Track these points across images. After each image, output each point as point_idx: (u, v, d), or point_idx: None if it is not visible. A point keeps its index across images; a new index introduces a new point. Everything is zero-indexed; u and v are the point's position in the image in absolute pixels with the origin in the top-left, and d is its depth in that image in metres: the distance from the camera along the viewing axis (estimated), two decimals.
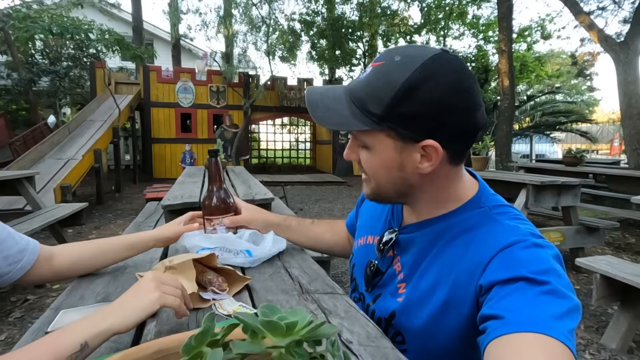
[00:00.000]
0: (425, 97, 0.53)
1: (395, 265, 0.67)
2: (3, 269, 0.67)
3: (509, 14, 6.82)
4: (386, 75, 0.55)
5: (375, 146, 0.59)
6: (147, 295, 0.55)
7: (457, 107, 0.54)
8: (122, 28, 11.36)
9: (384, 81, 0.55)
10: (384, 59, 0.57)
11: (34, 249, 0.72)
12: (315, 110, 0.59)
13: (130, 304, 0.53)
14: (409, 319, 0.61)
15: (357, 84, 0.59)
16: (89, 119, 7.80)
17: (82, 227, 4.49)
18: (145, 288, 0.56)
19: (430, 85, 0.53)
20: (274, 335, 0.24)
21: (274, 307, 0.27)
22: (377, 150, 0.59)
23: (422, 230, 0.64)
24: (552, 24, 12.84)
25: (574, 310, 0.45)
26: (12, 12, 8.24)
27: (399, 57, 0.55)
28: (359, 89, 0.58)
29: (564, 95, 16.30)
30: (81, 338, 0.46)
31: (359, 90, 0.58)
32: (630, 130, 5.71)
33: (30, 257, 0.70)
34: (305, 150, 14.18)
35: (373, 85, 0.56)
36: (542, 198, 3.01)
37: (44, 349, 0.44)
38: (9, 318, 2.32)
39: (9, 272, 0.68)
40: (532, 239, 0.53)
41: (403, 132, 0.56)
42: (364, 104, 0.57)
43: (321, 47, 10.40)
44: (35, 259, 0.72)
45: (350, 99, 0.58)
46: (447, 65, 0.54)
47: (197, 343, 0.25)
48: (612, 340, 2.03)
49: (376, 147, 0.59)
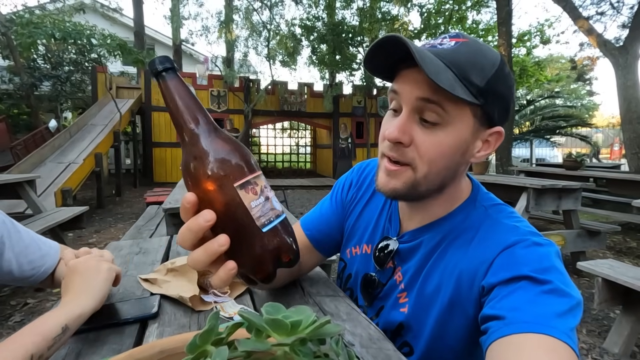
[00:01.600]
0: (510, 83, 0.54)
1: (396, 276, 0.65)
2: (27, 272, 0.70)
3: (508, 19, 6.86)
4: (481, 51, 0.53)
5: (455, 123, 0.52)
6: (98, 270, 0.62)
7: (514, 101, 0.57)
8: (124, 33, 11.44)
9: (481, 55, 0.52)
10: (467, 37, 0.54)
11: (55, 254, 0.75)
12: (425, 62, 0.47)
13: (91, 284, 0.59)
14: (417, 326, 0.60)
15: (446, 52, 0.51)
16: (90, 123, 7.83)
17: (83, 231, 4.49)
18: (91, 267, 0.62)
19: (510, 75, 0.55)
20: (278, 334, 0.24)
21: (278, 305, 0.27)
22: (455, 129, 0.52)
23: (427, 234, 0.62)
24: (551, 28, 12.93)
25: (575, 307, 0.45)
26: (15, 18, 8.30)
27: (481, 41, 0.55)
28: (455, 57, 0.51)
29: (564, 100, 16.34)
30: (62, 322, 0.51)
31: (456, 58, 0.51)
32: (630, 134, 5.72)
33: (51, 262, 0.74)
34: (306, 155, 14.20)
35: (472, 57, 0.51)
36: (543, 202, 3.01)
37: (31, 334, 0.48)
38: (8, 322, 2.31)
39: (32, 276, 0.71)
40: (532, 238, 0.53)
41: (490, 112, 0.53)
42: (465, 72, 0.50)
43: (321, 52, 10.44)
44: (56, 263, 0.75)
45: (445, 63, 0.50)
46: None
47: (202, 342, 0.25)
48: (615, 344, 2.02)
49: (455, 125, 0.52)
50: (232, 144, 0.38)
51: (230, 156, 0.36)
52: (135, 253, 1.02)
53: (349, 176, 0.81)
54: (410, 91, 0.53)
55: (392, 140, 0.54)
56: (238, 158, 0.37)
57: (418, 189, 0.56)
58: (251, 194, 0.36)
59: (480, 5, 10.86)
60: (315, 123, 11.59)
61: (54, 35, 7.78)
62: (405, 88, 0.53)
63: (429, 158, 0.53)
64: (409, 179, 0.55)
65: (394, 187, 0.56)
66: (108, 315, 0.63)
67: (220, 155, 0.36)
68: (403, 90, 0.54)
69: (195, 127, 0.38)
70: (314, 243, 0.78)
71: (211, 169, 0.35)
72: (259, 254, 0.36)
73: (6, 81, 9.43)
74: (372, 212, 0.73)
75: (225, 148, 0.37)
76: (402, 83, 0.54)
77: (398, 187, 0.56)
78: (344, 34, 9.89)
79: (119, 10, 12.56)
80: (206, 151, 0.36)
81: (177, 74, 0.39)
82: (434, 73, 0.47)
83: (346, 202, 0.78)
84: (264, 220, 0.36)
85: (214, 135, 0.38)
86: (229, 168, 0.36)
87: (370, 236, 0.72)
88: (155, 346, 0.31)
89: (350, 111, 11.36)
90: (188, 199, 0.35)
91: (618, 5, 7.74)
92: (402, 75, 0.54)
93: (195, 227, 0.34)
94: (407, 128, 0.53)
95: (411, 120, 0.53)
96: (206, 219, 0.34)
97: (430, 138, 0.53)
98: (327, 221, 0.78)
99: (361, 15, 10.11)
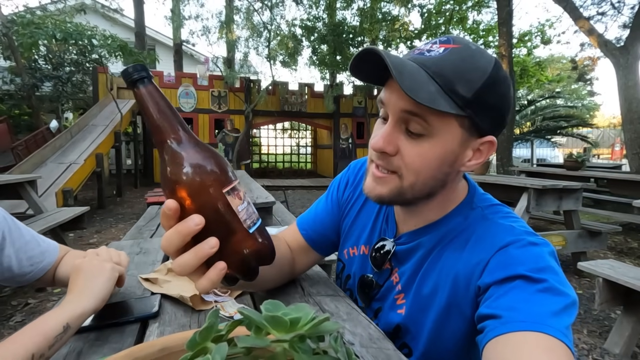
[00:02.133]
0: (503, 91, 0.53)
1: (393, 277, 0.66)
2: (26, 268, 0.71)
3: (508, 19, 6.86)
4: (472, 58, 0.51)
5: (440, 134, 0.51)
6: (102, 270, 0.62)
7: (511, 106, 0.56)
8: (125, 33, 11.47)
9: (471, 64, 0.50)
10: (458, 42, 0.52)
11: (54, 251, 0.76)
12: (402, 77, 0.47)
13: (94, 283, 0.60)
14: (415, 328, 0.60)
15: (432, 60, 0.50)
16: (91, 124, 7.84)
17: (83, 231, 4.49)
18: (95, 266, 0.63)
19: (505, 80, 0.53)
20: (277, 331, 0.25)
21: (278, 303, 0.27)
22: (440, 140, 0.52)
23: (424, 236, 0.62)
24: (552, 29, 12.92)
25: (570, 306, 0.45)
26: (16, 18, 8.32)
27: (474, 46, 0.53)
28: (441, 67, 0.50)
29: (565, 100, 16.32)
30: (63, 320, 0.51)
31: (442, 68, 0.50)
32: (631, 134, 5.71)
33: (50, 259, 0.75)
34: (307, 155, 14.20)
35: (460, 66, 0.50)
36: (544, 202, 3.01)
37: (32, 333, 0.48)
38: (9, 322, 2.32)
39: (30, 272, 0.72)
40: (527, 237, 0.53)
41: (479, 122, 0.52)
42: (450, 83, 0.49)
43: (322, 52, 10.45)
44: (54, 261, 0.76)
45: (429, 74, 0.50)
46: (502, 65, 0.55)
47: (202, 339, 0.25)
48: (616, 345, 2.02)
49: (441, 136, 0.52)
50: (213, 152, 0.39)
51: (216, 164, 0.37)
52: (136, 253, 1.02)
53: (344, 175, 0.80)
54: (395, 103, 0.52)
55: (377, 150, 0.54)
56: (222, 166, 0.38)
57: (404, 196, 0.56)
58: (237, 199, 0.37)
59: (480, 6, 10.87)
60: (315, 123, 11.59)
61: (55, 35, 7.80)
62: (391, 99, 0.53)
63: (414, 168, 0.53)
64: (395, 186, 0.55)
65: (380, 193, 0.57)
66: (109, 314, 0.63)
67: (208, 164, 0.37)
68: (389, 101, 0.53)
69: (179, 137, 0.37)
70: (310, 243, 0.78)
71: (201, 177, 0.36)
72: (247, 253, 0.37)
73: (7, 82, 9.44)
74: (369, 213, 0.73)
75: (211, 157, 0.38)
76: (389, 93, 0.54)
77: (384, 193, 0.56)
78: (345, 35, 9.90)
79: (119, 10, 12.57)
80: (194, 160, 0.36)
81: (152, 82, 0.38)
82: (411, 89, 0.47)
83: (342, 202, 0.78)
84: (250, 222, 0.38)
85: (196, 145, 0.38)
86: (217, 176, 0.37)
87: (368, 237, 0.72)
88: (155, 344, 0.31)
89: (351, 111, 11.36)
90: (169, 206, 0.35)
91: (619, 5, 7.74)
92: (389, 84, 0.54)
93: (185, 231, 0.35)
94: (392, 138, 0.53)
95: (397, 130, 0.53)
96: (196, 223, 0.34)
97: (415, 149, 0.53)
98: (322, 221, 0.78)
99: (362, 16, 10.12)
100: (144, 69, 0.38)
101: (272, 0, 10.14)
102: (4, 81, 9.42)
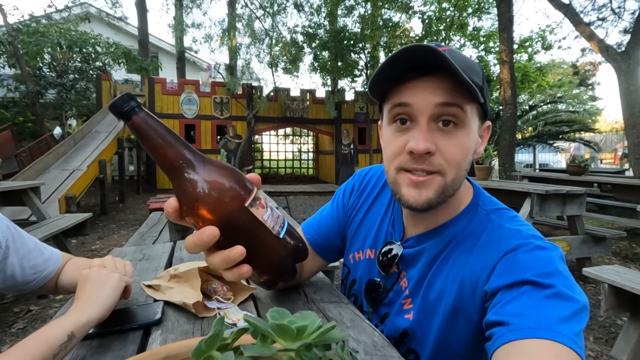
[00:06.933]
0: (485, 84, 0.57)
1: (402, 281, 0.65)
2: (29, 277, 0.71)
3: (509, 25, 6.89)
4: (465, 56, 0.56)
5: (470, 123, 0.54)
6: (108, 280, 0.62)
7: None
8: (128, 41, 11.59)
9: (469, 58, 0.56)
10: (446, 45, 0.55)
11: (57, 259, 0.76)
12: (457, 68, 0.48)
13: (100, 293, 0.60)
14: (422, 333, 0.60)
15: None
16: (94, 130, 7.89)
17: (86, 238, 4.50)
18: (102, 276, 0.62)
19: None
20: (284, 339, 0.24)
21: (284, 311, 0.27)
22: (470, 129, 0.54)
23: (431, 240, 0.62)
24: (553, 34, 12.98)
25: (580, 311, 0.45)
26: (21, 27, 8.43)
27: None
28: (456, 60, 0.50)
29: (566, 105, 16.32)
30: (68, 329, 0.51)
31: (457, 62, 0.49)
32: (634, 139, 5.70)
33: (53, 267, 0.75)
34: (308, 161, 14.21)
35: (465, 60, 0.53)
36: (547, 207, 2.99)
37: (37, 341, 0.48)
38: (11, 329, 2.31)
39: (33, 280, 0.72)
40: (534, 241, 0.52)
41: (486, 108, 0.57)
42: (468, 73, 0.50)
43: (323, 59, 10.51)
44: (57, 269, 0.76)
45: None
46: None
47: (207, 347, 0.25)
48: (623, 352, 1.98)
49: (470, 125, 0.54)
50: (224, 167, 0.37)
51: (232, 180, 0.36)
52: (139, 259, 1.02)
53: (350, 182, 0.81)
54: (426, 99, 0.52)
55: (421, 152, 0.52)
56: (238, 179, 0.36)
57: (446, 194, 0.55)
58: (260, 208, 0.36)
59: (481, 12, 10.93)
60: (317, 129, 11.63)
61: (60, 43, 7.90)
62: (419, 98, 0.52)
63: (456, 162, 0.54)
64: (439, 185, 0.54)
65: (427, 197, 0.54)
66: (111, 321, 0.63)
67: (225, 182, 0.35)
68: (417, 101, 0.52)
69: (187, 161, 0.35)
70: (315, 248, 0.78)
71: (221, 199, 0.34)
72: (283, 256, 0.38)
73: (12, 89, 9.54)
74: (374, 217, 0.73)
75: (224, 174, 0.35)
76: (412, 94, 0.53)
77: (431, 196, 0.54)
78: (346, 41, 9.96)
79: (123, 19, 12.75)
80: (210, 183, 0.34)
81: (143, 109, 0.37)
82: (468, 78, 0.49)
83: (348, 208, 0.78)
84: (277, 228, 0.38)
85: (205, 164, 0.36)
86: (235, 192, 0.35)
87: (374, 241, 0.71)
88: (159, 352, 0.31)
89: (353, 117, 11.39)
90: (171, 204, 0.37)
91: (619, 10, 7.77)
92: (409, 86, 0.53)
93: (201, 243, 0.37)
94: (430, 136, 0.53)
95: (431, 129, 0.53)
96: (210, 236, 0.35)
97: (452, 142, 0.53)
98: (327, 225, 0.78)
99: (363, 23, 10.19)
100: (131, 98, 0.35)
101: (274, 8, 10.24)
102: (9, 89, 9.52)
